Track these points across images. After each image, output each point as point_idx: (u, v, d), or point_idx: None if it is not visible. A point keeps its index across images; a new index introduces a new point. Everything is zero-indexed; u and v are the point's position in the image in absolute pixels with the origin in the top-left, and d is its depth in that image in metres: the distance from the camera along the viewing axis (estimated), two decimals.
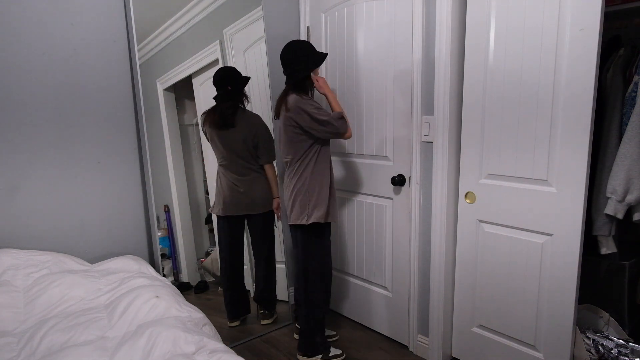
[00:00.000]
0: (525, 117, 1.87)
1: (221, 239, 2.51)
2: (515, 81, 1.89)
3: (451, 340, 2.32)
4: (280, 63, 2.77)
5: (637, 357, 1.91)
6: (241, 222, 2.55)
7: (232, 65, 2.51)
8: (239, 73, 2.51)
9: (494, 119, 1.98)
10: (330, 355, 2.34)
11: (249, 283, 2.63)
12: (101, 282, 1.80)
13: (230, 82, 2.46)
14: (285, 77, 2.21)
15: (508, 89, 1.91)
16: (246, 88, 2.56)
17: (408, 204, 2.35)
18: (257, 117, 2.55)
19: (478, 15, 1.98)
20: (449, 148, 2.14)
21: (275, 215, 2.65)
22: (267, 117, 2.68)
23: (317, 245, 2.24)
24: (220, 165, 2.46)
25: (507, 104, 1.93)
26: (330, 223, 2.27)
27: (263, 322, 2.65)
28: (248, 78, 2.55)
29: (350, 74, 2.54)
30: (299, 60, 2.15)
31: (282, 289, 2.79)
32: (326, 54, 2.19)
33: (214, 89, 2.45)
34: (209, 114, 2.42)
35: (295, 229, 2.27)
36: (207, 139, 2.45)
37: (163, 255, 2.36)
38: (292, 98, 2.12)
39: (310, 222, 2.16)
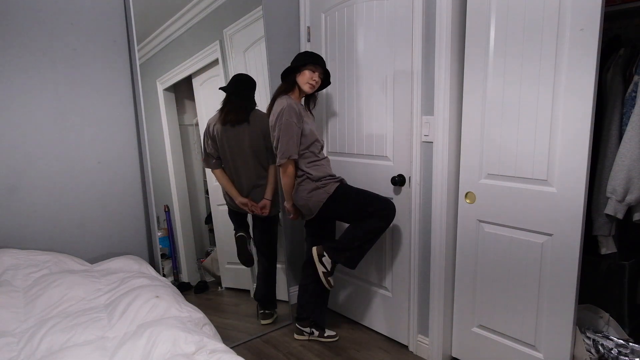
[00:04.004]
0: (526, 116, 1.87)
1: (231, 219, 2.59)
2: (516, 81, 1.89)
3: (451, 340, 2.32)
4: (280, 64, 2.79)
5: (637, 357, 1.91)
6: (246, 218, 2.59)
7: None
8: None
9: (494, 118, 1.98)
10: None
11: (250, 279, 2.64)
12: (101, 282, 1.80)
13: (253, 87, 2.54)
14: None
15: (508, 88, 1.91)
16: None
17: (408, 204, 2.35)
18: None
19: (478, 15, 1.98)
20: (449, 148, 2.14)
21: (261, 212, 2.58)
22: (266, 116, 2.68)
23: (356, 196, 2.28)
24: (226, 165, 2.46)
25: (507, 98, 1.93)
26: (343, 184, 2.34)
27: (263, 322, 2.66)
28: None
29: (350, 73, 2.54)
30: (292, 61, 2.35)
31: (282, 289, 2.79)
32: (305, 58, 2.31)
33: (214, 89, 2.45)
34: (221, 111, 2.45)
35: (325, 210, 2.27)
36: (213, 141, 2.44)
37: (163, 255, 2.36)
38: (280, 102, 2.27)
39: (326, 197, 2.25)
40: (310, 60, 2.28)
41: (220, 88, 2.47)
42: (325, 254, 2.30)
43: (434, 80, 2.13)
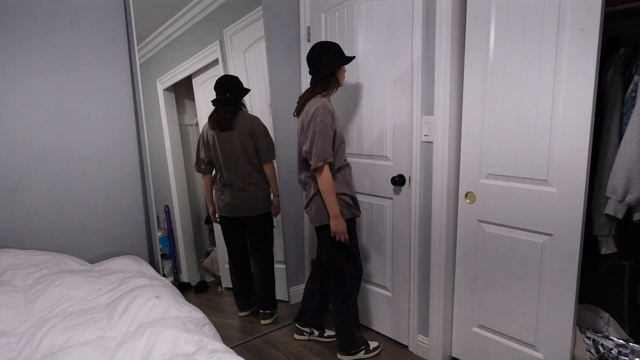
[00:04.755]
0: (526, 115, 1.87)
1: (224, 238, 2.54)
2: (516, 81, 1.89)
3: (451, 340, 2.32)
4: (280, 64, 2.79)
5: (637, 357, 1.91)
6: (242, 221, 2.56)
7: (234, 75, 2.52)
8: (240, 83, 2.53)
9: (494, 118, 1.98)
10: (371, 348, 2.41)
11: None
12: (101, 282, 1.80)
13: (230, 90, 2.48)
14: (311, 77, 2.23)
15: (508, 88, 1.91)
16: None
17: (408, 204, 2.35)
18: (255, 119, 2.55)
19: (478, 16, 1.98)
20: (449, 148, 2.14)
21: (273, 214, 2.65)
22: (267, 117, 2.68)
23: (350, 243, 2.27)
24: (218, 169, 2.47)
25: (507, 98, 1.93)
26: (354, 220, 2.31)
27: (263, 322, 2.66)
28: (248, 90, 2.56)
29: (350, 74, 2.54)
30: (325, 58, 2.18)
31: (282, 289, 2.79)
32: (353, 57, 2.23)
33: (215, 89, 2.45)
34: (209, 119, 2.44)
35: (322, 229, 2.24)
36: (206, 147, 2.45)
37: (163, 255, 2.36)
38: (313, 103, 2.14)
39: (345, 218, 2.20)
40: (347, 57, 2.22)
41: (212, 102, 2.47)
42: (350, 351, 2.34)
43: (434, 80, 2.13)
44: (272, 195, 2.61)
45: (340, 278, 2.28)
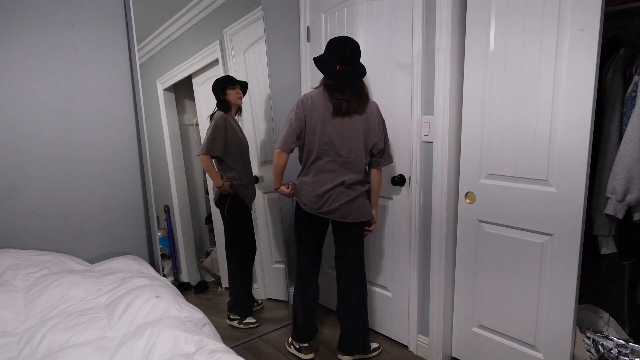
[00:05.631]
0: (526, 115, 1.87)
1: None
2: (516, 81, 1.89)
3: (451, 340, 2.32)
4: (280, 64, 2.78)
5: (637, 357, 1.91)
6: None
7: (227, 74, 2.51)
8: (222, 83, 2.50)
9: (494, 117, 1.98)
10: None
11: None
12: (101, 282, 1.80)
13: (214, 93, 2.48)
14: (350, 72, 2.10)
15: (508, 87, 1.92)
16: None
17: (408, 204, 2.35)
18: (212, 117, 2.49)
19: (478, 15, 1.98)
20: (449, 148, 2.14)
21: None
22: (267, 116, 2.68)
23: (363, 243, 2.30)
24: None
25: (507, 99, 1.93)
26: None
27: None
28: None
29: None
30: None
31: (282, 289, 2.79)
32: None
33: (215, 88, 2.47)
34: None
35: (355, 227, 2.23)
36: None
37: (163, 255, 2.36)
38: (372, 102, 2.20)
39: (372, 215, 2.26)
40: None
41: None
42: (355, 353, 2.32)
43: (434, 80, 2.13)
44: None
45: (365, 277, 2.30)
